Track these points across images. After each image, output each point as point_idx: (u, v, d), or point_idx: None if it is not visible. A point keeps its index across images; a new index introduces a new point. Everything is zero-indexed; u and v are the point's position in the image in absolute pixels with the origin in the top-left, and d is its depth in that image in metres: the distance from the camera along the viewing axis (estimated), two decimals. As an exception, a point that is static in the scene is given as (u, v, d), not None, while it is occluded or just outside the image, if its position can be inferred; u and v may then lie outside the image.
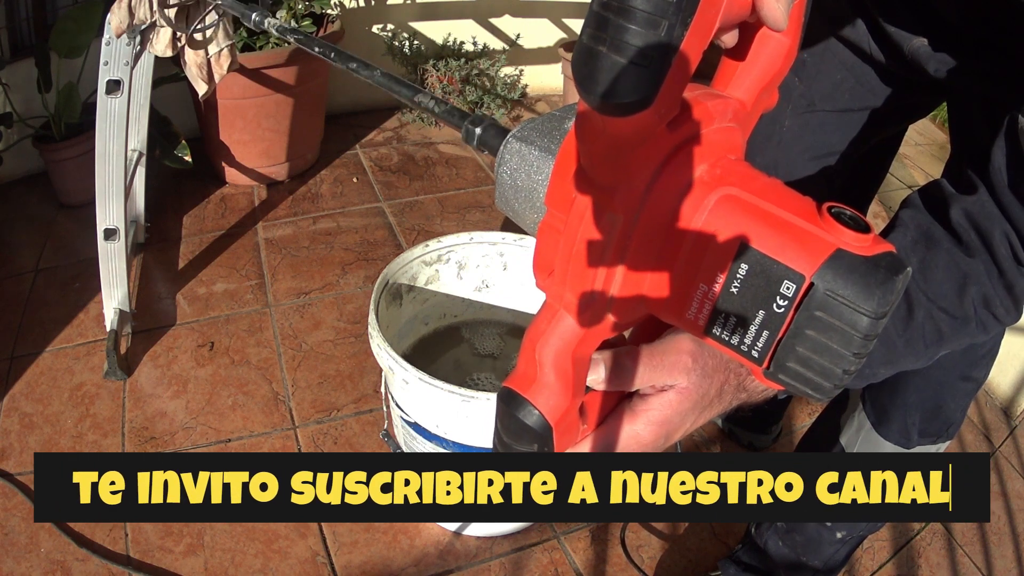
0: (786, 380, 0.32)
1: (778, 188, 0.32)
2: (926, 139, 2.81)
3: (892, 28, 0.75)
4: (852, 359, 0.30)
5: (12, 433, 1.35)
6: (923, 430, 0.91)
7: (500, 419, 0.38)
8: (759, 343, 0.32)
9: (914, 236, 0.48)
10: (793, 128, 0.93)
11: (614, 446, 0.41)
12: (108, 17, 1.24)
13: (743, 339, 0.32)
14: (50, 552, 1.15)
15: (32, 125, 1.94)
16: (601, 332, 0.36)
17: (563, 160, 0.33)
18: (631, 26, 0.24)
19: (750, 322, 0.32)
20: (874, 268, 0.29)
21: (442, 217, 2.07)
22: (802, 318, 0.30)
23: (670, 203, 0.32)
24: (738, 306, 0.32)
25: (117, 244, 1.45)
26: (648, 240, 0.33)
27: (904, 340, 0.47)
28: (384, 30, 2.54)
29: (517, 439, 0.38)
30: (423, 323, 1.30)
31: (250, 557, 1.17)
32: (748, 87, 0.36)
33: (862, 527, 1.05)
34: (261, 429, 1.40)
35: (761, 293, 0.31)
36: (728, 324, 0.32)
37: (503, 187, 0.40)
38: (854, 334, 0.29)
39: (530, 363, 0.36)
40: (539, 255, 0.35)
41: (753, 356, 0.32)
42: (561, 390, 0.36)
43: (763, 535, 1.11)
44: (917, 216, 0.49)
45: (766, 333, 0.31)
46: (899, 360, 0.48)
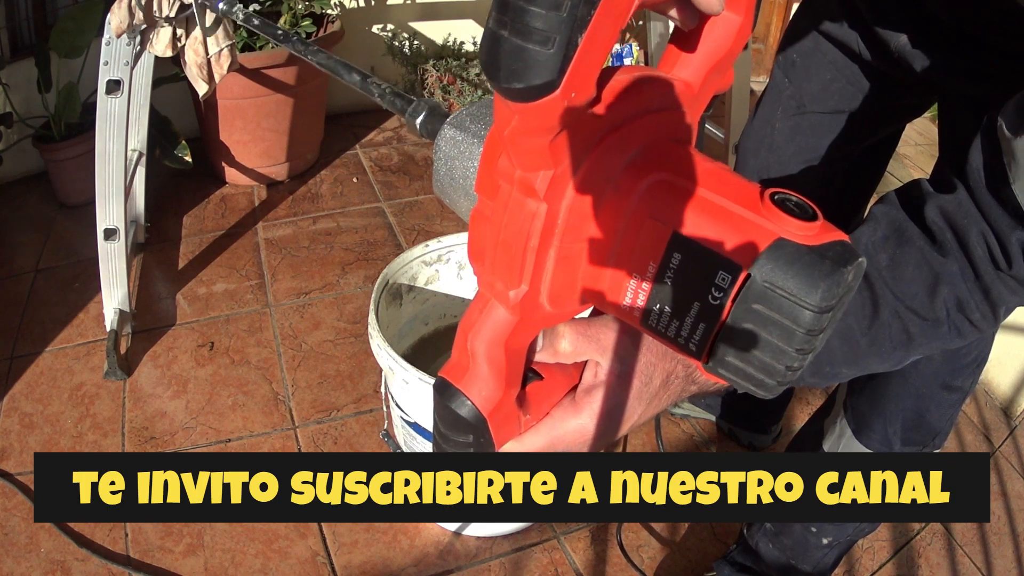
0: (726, 375, 0.31)
1: (719, 174, 0.31)
2: (926, 139, 2.81)
3: (880, 25, 0.75)
4: (795, 355, 0.28)
5: (12, 433, 1.35)
6: (906, 439, 0.88)
7: (436, 410, 0.37)
8: (696, 336, 0.30)
9: (884, 232, 0.46)
10: (784, 130, 0.93)
11: (559, 440, 0.40)
12: (108, 17, 1.24)
13: (679, 332, 0.31)
14: (50, 552, 1.15)
15: (32, 125, 1.94)
16: (537, 322, 0.35)
17: (490, 147, 0.31)
18: (532, 8, 0.23)
19: (685, 314, 0.30)
20: (819, 259, 0.27)
21: (442, 217, 2.07)
22: (739, 311, 0.28)
23: (598, 190, 0.31)
24: (672, 297, 0.30)
25: (117, 244, 1.45)
26: (576, 229, 0.31)
27: (868, 339, 0.45)
28: (384, 30, 2.54)
29: (453, 429, 0.37)
30: (423, 323, 1.30)
31: (250, 557, 1.17)
32: (695, 68, 0.34)
33: (850, 532, 1.03)
34: (261, 429, 1.40)
35: (696, 284, 0.29)
36: (663, 316, 0.31)
37: (439, 175, 0.38)
38: (796, 329, 0.27)
39: (463, 353, 0.35)
40: (472, 243, 0.33)
41: (691, 349, 0.31)
42: (494, 381, 0.35)
43: (754, 536, 1.11)
44: (890, 212, 0.47)
45: (702, 326, 0.30)
46: (863, 360, 0.46)
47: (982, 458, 1.34)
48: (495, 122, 0.29)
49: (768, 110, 0.95)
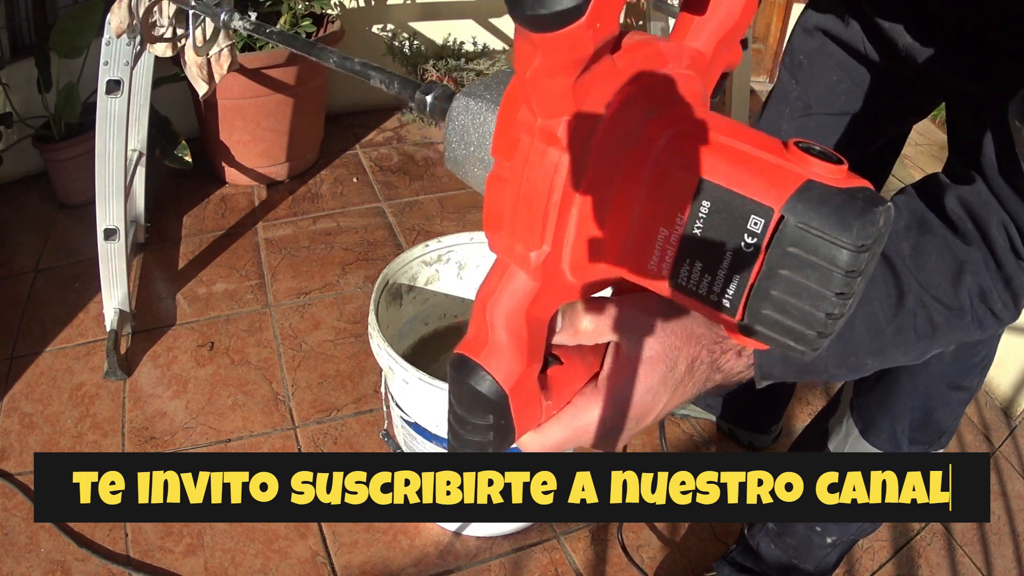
0: (764, 332, 0.29)
1: (741, 127, 0.30)
2: (926, 139, 2.81)
3: (885, 24, 0.75)
4: (835, 300, 0.27)
5: (12, 433, 1.35)
6: (913, 438, 0.89)
7: (452, 389, 0.35)
8: (730, 290, 0.29)
9: (907, 221, 0.46)
10: (791, 132, 0.93)
11: (583, 430, 0.38)
12: (108, 17, 1.24)
13: (712, 287, 0.30)
14: (50, 552, 1.15)
15: (32, 125, 1.94)
16: (559, 291, 0.33)
17: (508, 104, 0.31)
18: None
19: (718, 266, 0.29)
20: (850, 199, 0.27)
21: (442, 217, 2.07)
22: (774, 256, 0.27)
23: (620, 142, 0.30)
24: (703, 249, 0.29)
25: (117, 244, 1.45)
26: (599, 181, 0.30)
27: (894, 328, 0.44)
28: (384, 30, 2.54)
29: (471, 410, 0.34)
30: (423, 323, 1.30)
31: (250, 557, 1.17)
32: (706, 38, 0.34)
33: (853, 531, 1.03)
34: (261, 429, 1.40)
35: (727, 232, 0.28)
36: (694, 271, 0.30)
37: (451, 148, 0.37)
38: (834, 270, 0.27)
39: (481, 326, 0.34)
40: (488, 210, 0.32)
41: (725, 306, 0.30)
42: (516, 353, 0.33)
43: (756, 537, 1.11)
44: (911, 202, 0.47)
45: (737, 277, 0.29)
46: (888, 351, 0.45)
47: (982, 458, 1.34)
48: (517, 68, 0.28)
49: (775, 111, 0.95)
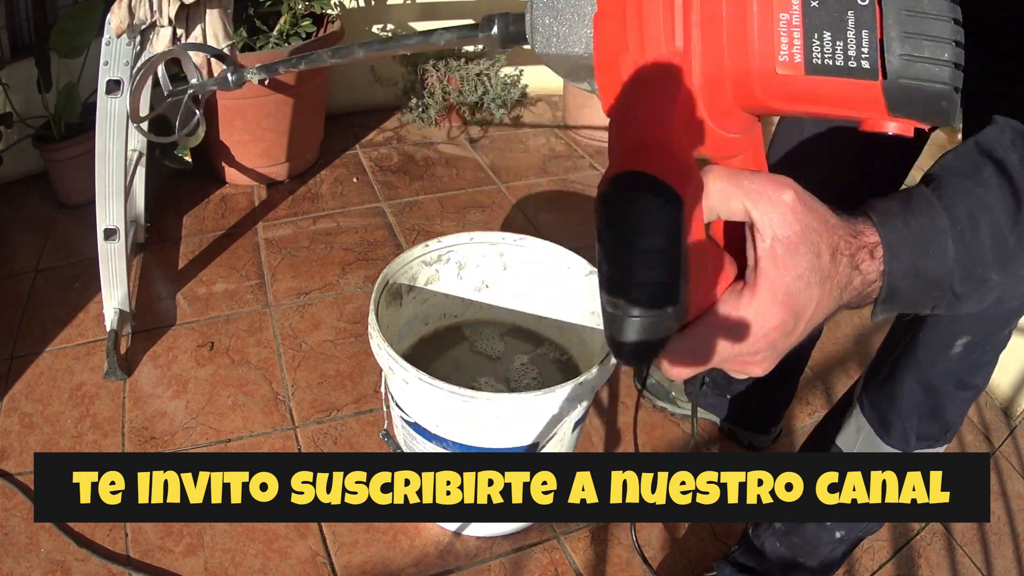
0: (907, 82, 0.31)
1: None
2: (926, 139, 2.81)
3: None
4: (957, 27, 0.30)
5: (12, 433, 1.35)
6: (921, 434, 0.91)
7: (608, 217, 0.32)
8: (864, 49, 0.31)
9: (1011, 136, 0.46)
10: (813, 133, 0.95)
11: (740, 330, 0.36)
12: (108, 17, 1.24)
13: (847, 54, 0.32)
14: (50, 552, 1.15)
15: (32, 125, 1.94)
16: (693, 132, 0.35)
17: None
18: None
19: (845, 28, 0.31)
20: None
21: (442, 217, 2.07)
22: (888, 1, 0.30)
23: None
24: (826, 18, 0.31)
25: (117, 244, 1.45)
26: None
27: (1016, 237, 0.44)
28: (384, 30, 2.54)
29: (642, 230, 0.31)
30: (423, 323, 1.30)
31: (250, 557, 1.17)
32: None
33: (861, 527, 1.05)
34: (261, 429, 1.40)
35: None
36: (825, 43, 0.32)
37: (538, 27, 0.39)
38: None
39: (635, 141, 0.33)
40: (599, 51, 0.34)
41: (865, 68, 0.32)
42: (682, 158, 0.33)
43: (760, 536, 1.11)
44: (1010, 120, 0.47)
45: (865, 33, 0.31)
46: (1009, 265, 0.44)
47: (982, 458, 1.34)
48: None
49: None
